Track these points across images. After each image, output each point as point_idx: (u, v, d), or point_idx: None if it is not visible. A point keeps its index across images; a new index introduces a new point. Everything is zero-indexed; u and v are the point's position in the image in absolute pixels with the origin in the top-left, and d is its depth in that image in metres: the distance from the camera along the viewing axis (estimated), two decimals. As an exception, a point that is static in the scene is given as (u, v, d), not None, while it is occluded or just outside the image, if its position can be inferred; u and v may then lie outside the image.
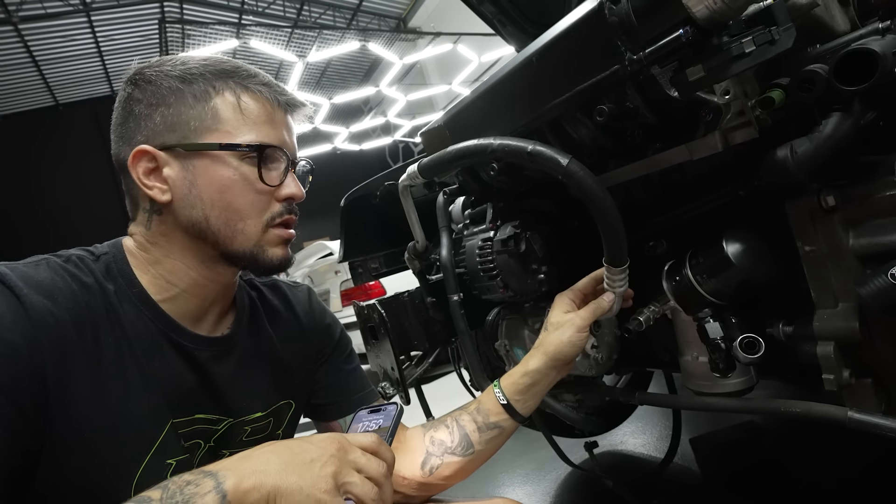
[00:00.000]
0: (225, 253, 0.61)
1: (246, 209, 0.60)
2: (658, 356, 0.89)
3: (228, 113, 0.59)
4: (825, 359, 0.60)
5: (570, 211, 0.92)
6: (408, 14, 10.50)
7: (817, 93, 0.55)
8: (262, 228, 0.62)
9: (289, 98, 0.64)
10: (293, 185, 0.64)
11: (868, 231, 0.58)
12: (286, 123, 0.64)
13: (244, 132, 0.59)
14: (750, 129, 0.59)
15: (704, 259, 0.66)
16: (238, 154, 0.59)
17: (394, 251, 1.42)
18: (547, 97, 0.67)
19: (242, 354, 0.68)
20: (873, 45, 0.50)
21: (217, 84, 0.60)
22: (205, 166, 0.59)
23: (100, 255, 0.60)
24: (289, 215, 0.64)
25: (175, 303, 0.61)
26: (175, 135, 0.59)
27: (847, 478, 1.26)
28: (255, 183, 0.60)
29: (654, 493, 1.43)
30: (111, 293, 0.57)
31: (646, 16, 0.54)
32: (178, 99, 0.59)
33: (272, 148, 0.61)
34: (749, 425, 1.52)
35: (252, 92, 0.61)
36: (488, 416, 0.73)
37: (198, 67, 0.60)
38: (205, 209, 0.59)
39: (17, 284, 0.50)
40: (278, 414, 0.72)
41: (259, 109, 0.61)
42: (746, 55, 0.50)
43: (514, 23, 1.57)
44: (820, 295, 0.62)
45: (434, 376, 3.43)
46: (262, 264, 0.62)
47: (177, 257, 0.61)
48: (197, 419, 0.62)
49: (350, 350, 0.84)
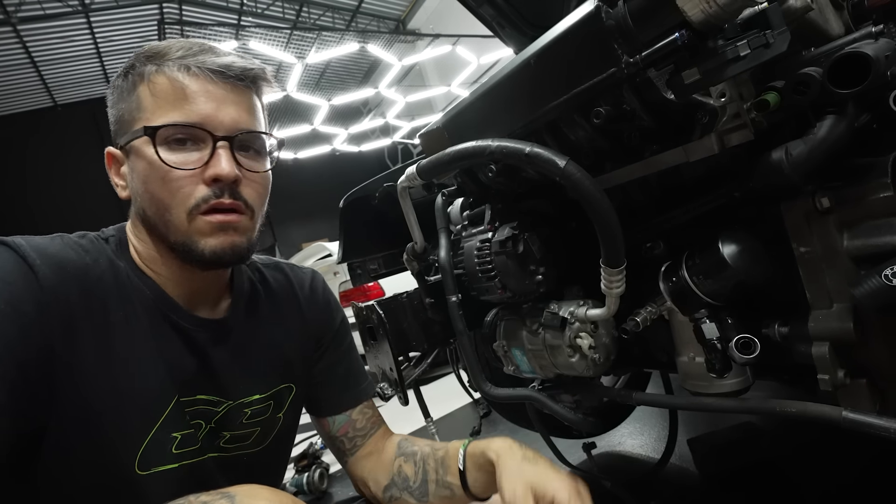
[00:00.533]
0: (167, 245, 0.58)
1: (167, 198, 0.55)
2: (655, 357, 0.89)
3: (147, 99, 0.55)
4: (820, 359, 0.61)
5: (568, 212, 0.92)
6: (407, 16, 10.52)
7: (812, 96, 0.55)
8: (187, 217, 0.55)
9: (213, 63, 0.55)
10: (220, 163, 0.55)
11: (862, 232, 0.58)
12: (212, 95, 0.55)
13: (157, 115, 0.54)
14: (745, 132, 0.60)
15: (701, 260, 0.66)
16: (144, 140, 0.54)
17: (392, 252, 1.42)
18: (545, 99, 0.67)
19: (240, 338, 0.67)
20: (866, 49, 0.51)
21: (144, 70, 0.55)
22: (133, 159, 0.57)
23: (108, 237, 0.61)
24: (217, 199, 0.55)
25: (166, 288, 0.61)
26: (120, 132, 0.58)
27: (844, 479, 1.27)
28: (166, 169, 0.54)
29: (652, 494, 1.43)
30: (122, 270, 0.58)
31: (642, 19, 0.55)
32: (118, 95, 0.58)
33: (169, 127, 0.53)
34: (746, 426, 1.53)
35: (165, 69, 0.55)
36: (446, 474, 0.70)
37: (136, 56, 0.57)
38: (142, 203, 0.58)
39: (31, 255, 0.51)
40: (279, 397, 0.71)
41: (168, 87, 0.54)
42: (741, 58, 0.50)
43: (513, 25, 1.58)
44: (815, 296, 0.62)
45: (432, 378, 3.43)
46: (195, 256, 0.56)
47: (150, 248, 0.61)
48: (199, 399, 0.62)
49: (349, 342, 0.83)
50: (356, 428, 0.78)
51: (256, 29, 9.05)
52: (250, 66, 0.58)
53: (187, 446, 0.60)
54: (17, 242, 0.51)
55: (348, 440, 0.78)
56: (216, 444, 0.65)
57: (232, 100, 0.56)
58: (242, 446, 0.68)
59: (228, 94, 0.56)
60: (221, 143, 0.55)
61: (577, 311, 0.81)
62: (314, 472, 2.06)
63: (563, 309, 0.83)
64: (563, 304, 0.84)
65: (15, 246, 0.51)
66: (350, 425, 0.78)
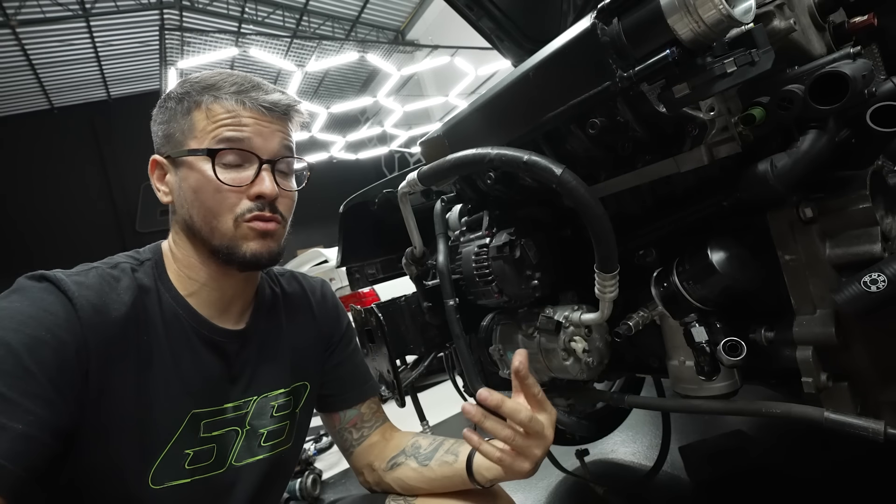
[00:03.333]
0: (209, 249, 0.65)
1: (216, 207, 0.64)
2: (647, 362, 0.92)
3: (201, 122, 0.65)
4: (804, 363, 0.63)
5: (563, 220, 0.95)
6: (406, 26, 10.63)
7: (795, 111, 0.59)
8: (234, 224, 0.64)
9: (264, 100, 0.65)
10: (263, 183, 0.65)
11: (843, 241, 0.61)
12: (259, 125, 0.66)
13: (209, 138, 0.64)
14: (733, 144, 0.63)
15: (690, 266, 0.69)
16: (203, 158, 0.64)
17: (390, 258, 1.44)
18: (542, 110, 0.70)
19: (263, 342, 0.74)
20: (845, 69, 0.54)
21: (199, 98, 0.65)
22: (185, 171, 0.65)
23: (143, 260, 0.67)
24: (260, 211, 0.65)
25: (199, 296, 0.67)
26: (169, 146, 0.66)
27: (834, 488, 1.29)
28: (218, 183, 0.63)
29: (644, 501, 1.44)
30: (151, 298, 0.64)
31: (636, 36, 0.58)
32: (171, 116, 0.66)
33: (227, 150, 0.64)
34: (737, 434, 1.55)
35: (222, 100, 0.65)
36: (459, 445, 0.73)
37: (190, 85, 0.66)
38: (189, 209, 0.65)
39: (71, 289, 0.57)
40: (296, 394, 0.77)
41: (223, 114, 0.64)
42: (728, 75, 0.54)
43: (511, 39, 1.62)
44: (799, 302, 0.65)
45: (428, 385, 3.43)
46: (237, 258, 0.65)
47: (190, 254, 0.67)
48: (226, 409, 0.68)
49: (354, 343, 0.89)
50: (364, 420, 0.84)
51: (257, 37, 9.12)
52: (292, 102, 0.69)
53: (201, 461, 0.65)
54: (57, 277, 0.58)
55: (356, 430, 0.84)
56: (255, 447, 0.71)
57: (275, 129, 0.67)
58: (280, 442, 0.74)
59: (273, 124, 0.67)
60: (265, 166, 0.65)
61: (571, 316, 0.83)
62: (307, 478, 2.05)
63: (558, 313, 0.85)
64: (558, 309, 0.87)
65: (56, 280, 0.57)
66: (359, 418, 0.84)
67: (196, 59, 7.13)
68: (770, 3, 0.62)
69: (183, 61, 6.95)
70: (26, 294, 0.56)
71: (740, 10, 0.53)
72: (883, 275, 0.53)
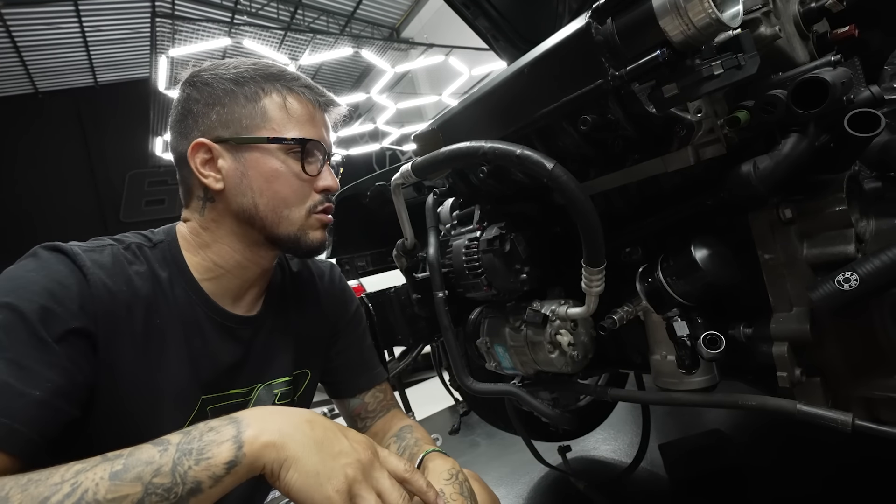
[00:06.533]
0: (270, 237, 0.68)
1: (291, 197, 0.67)
2: (630, 358, 0.94)
3: (276, 112, 0.66)
4: (780, 358, 0.66)
5: (553, 217, 0.97)
6: (401, 24, 10.61)
7: (778, 115, 0.61)
8: (306, 215, 0.69)
9: (327, 99, 0.72)
10: (329, 177, 0.70)
11: (819, 242, 0.64)
12: (324, 122, 0.72)
13: (289, 129, 0.66)
14: (719, 146, 0.65)
15: (674, 262, 0.71)
16: (284, 147, 0.66)
17: (380, 251, 1.45)
18: (536, 106, 0.72)
19: (273, 328, 0.75)
20: (825, 75, 0.57)
21: (265, 86, 0.67)
22: (255, 158, 0.66)
23: (156, 242, 0.67)
24: (328, 203, 0.71)
25: (219, 282, 0.68)
26: (229, 130, 0.66)
27: (809, 488, 1.33)
28: (298, 174, 0.67)
29: (623, 496, 1.47)
30: (164, 280, 0.64)
31: (628, 36, 0.59)
32: (231, 99, 0.66)
33: (313, 142, 0.68)
34: (716, 433, 1.59)
35: (296, 93, 0.68)
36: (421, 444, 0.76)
37: (248, 71, 0.67)
38: (254, 197, 0.66)
39: (86, 264, 0.57)
40: (297, 381, 0.78)
41: (302, 109, 0.68)
42: (715, 77, 0.55)
43: (507, 38, 1.64)
44: (777, 299, 0.67)
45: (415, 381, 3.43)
46: (303, 246, 0.69)
47: (225, 241, 0.67)
48: (231, 395, 0.68)
49: (363, 328, 0.90)
50: (367, 410, 0.86)
51: (249, 28, 9.02)
52: (343, 104, 0.75)
53: None
54: (74, 251, 0.58)
55: (360, 420, 0.86)
56: None
57: (329, 127, 0.73)
58: None
59: (328, 122, 0.73)
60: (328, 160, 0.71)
61: (558, 310, 0.85)
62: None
63: (545, 307, 0.87)
64: (545, 303, 0.88)
65: (72, 254, 0.58)
66: (363, 407, 0.85)
67: (187, 48, 7.02)
68: (757, 10, 0.64)
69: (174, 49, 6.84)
70: (42, 263, 0.56)
71: (728, 14, 0.55)
72: (856, 274, 0.55)
